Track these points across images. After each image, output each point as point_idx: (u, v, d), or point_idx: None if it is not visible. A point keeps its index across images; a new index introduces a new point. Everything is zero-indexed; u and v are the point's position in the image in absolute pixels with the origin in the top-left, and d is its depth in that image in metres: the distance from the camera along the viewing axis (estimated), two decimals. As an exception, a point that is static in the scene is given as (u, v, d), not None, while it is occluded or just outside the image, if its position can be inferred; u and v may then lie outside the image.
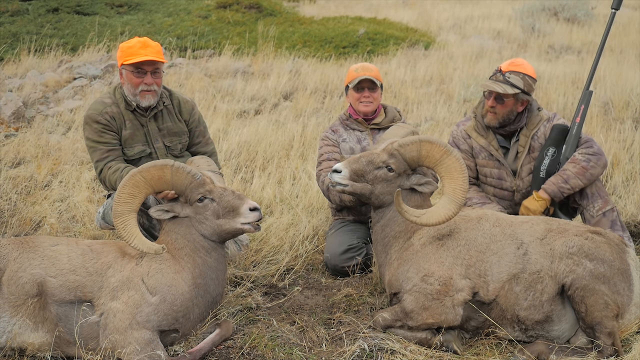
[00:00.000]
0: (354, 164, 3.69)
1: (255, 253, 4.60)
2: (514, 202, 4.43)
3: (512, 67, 4.23)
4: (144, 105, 4.23)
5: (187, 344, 3.45)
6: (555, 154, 4.21)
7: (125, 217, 3.32)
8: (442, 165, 3.52)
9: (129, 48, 4.13)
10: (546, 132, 4.30)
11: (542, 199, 4.11)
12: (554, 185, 4.10)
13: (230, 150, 6.74)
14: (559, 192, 4.09)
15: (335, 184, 3.71)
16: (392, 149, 3.65)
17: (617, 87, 8.56)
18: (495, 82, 4.23)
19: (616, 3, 4.48)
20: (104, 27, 13.23)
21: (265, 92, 9.36)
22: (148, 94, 4.19)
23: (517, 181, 4.36)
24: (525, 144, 4.32)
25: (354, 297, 4.07)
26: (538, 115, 4.34)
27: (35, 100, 8.53)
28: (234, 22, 14.29)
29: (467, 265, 3.44)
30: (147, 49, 4.12)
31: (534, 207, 4.12)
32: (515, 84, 4.18)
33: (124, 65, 4.16)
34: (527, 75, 4.22)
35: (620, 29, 13.63)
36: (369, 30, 13.28)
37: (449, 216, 3.43)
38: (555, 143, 4.22)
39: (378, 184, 3.68)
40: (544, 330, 3.41)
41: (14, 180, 5.81)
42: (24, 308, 3.24)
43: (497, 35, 14.03)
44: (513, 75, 4.20)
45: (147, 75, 4.15)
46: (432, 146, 3.53)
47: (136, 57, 4.09)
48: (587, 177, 4.06)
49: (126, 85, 4.20)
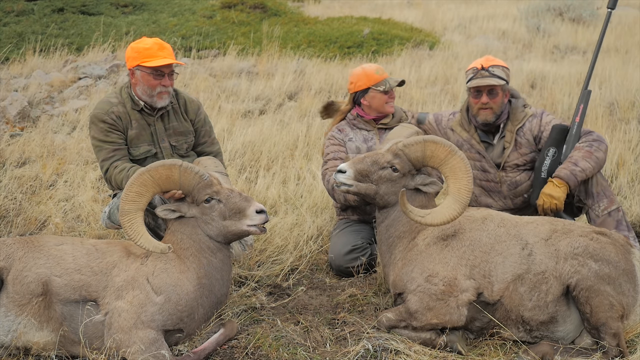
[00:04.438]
0: (358, 164, 3.69)
1: (259, 253, 4.61)
2: (502, 194, 4.45)
3: (490, 62, 4.31)
4: (160, 105, 4.24)
5: (192, 344, 3.45)
6: (556, 154, 4.21)
7: (132, 215, 3.32)
8: (446, 165, 3.52)
9: (147, 50, 4.11)
10: (532, 127, 4.33)
11: (563, 184, 4.05)
12: (566, 169, 4.04)
13: (234, 150, 6.75)
14: (572, 175, 4.01)
15: (339, 184, 3.72)
16: (396, 149, 3.65)
17: (623, 88, 8.53)
18: (483, 78, 4.26)
19: (612, 2, 4.54)
20: (109, 27, 13.24)
21: (269, 92, 9.36)
22: (165, 94, 4.22)
23: (500, 173, 4.40)
24: (511, 139, 4.36)
25: (358, 297, 4.07)
26: (523, 111, 4.39)
27: (40, 100, 8.55)
28: (238, 22, 14.30)
29: (471, 265, 3.43)
30: (164, 51, 4.14)
31: (557, 194, 4.03)
32: (501, 76, 4.27)
33: (141, 67, 4.13)
34: (505, 67, 4.33)
35: (626, 29, 13.60)
36: (374, 31, 13.27)
37: (453, 216, 3.43)
38: (555, 143, 4.23)
39: (383, 184, 3.68)
40: (548, 331, 3.40)
41: (19, 180, 5.82)
42: (29, 307, 3.25)
43: (502, 36, 14.01)
44: (496, 68, 4.28)
45: (165, 77, 4.17)
46: (436, 146, 3.53)
47: (157, 60, 4.09)
48: (594, 160, 4.03)
49: (141, 86, 4.19)
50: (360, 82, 4.60)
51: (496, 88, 4.27)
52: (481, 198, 4.50)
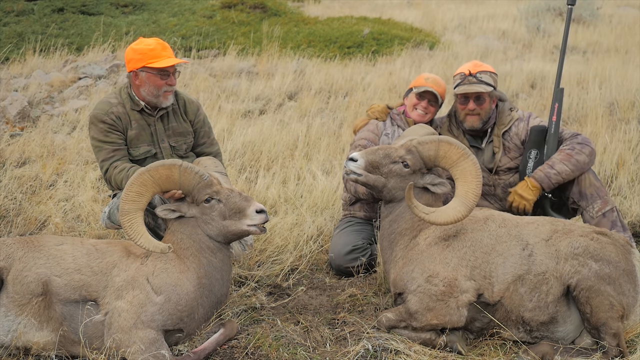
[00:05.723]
0: (370, 155, 3.71)
1: (259, 253, 4.61)
2: (497, 197, 4.46)
3: (478, 68, 4.31)
4: (166, 105, 4.25)
5: (192, 344, 3.45)
6: (538, 156, 4.22)
7: (132, 215, 3.33)
8: (457, 167, 3.53)
9: (151, 50, 4.10)
10: (519, 131, 4.37)
11: (535, 187, 4.10)
12: (541, 171, 4.09)
13: (234, 150, 6.75)
14: (546, 178, 4.06)
15: (349, 172, 3.73)
16: (410, 146, 3.68)
17: (623, 88, 8.53)
18: (470, 84, 4.27)
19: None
20: (109, 27, 13.24)
21: (269, 92, 9.36)
22: (170, 94, 4.24)
23: (494, 176, 4.41)
24: (499, 144, 4.37)
25: (358, 297, 4.07)
26: (509, 115, 4.41)
27: (40, 100, 8.55)
28: (238, 22, 14.30)
29: (472, 266, 3.43)
30: (167, 50, 4.16)
31: (528, 196, 4.09)
32: (488, 82, 4.28)
33: (147, 68, 4.11)
34: (493, 73, 4.34)
35: (626, 29, 13.60)
36: (374, 31, 13.27)
37: (457, 218, 3.43)
38: (536, 145, 4.25)
39: (392, 178, 3.70)
40: (548, 332, 3.40)
41: (19, 180, 5.82)
42: (29, 307, 3.25)
43: (502, 36, 14.00)
44: (483, 74, 4.29)
45: (171, 76, 4.19)
46: (450, 147, 3.55)
47: (164, 60, 4.09)
48: (572, 163, 4.05)
49: (146, 87, 4.17)
50: (413, 82, 4.72)
51: (483, 95, 4.29)
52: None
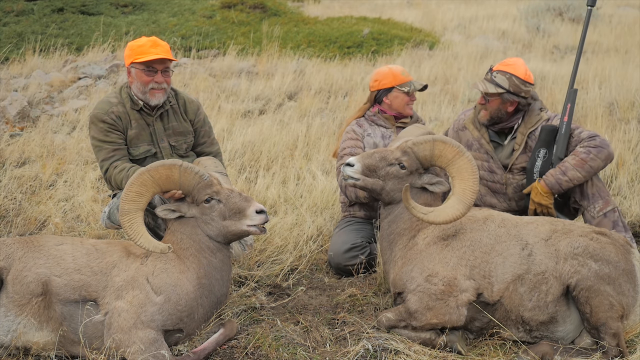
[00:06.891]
0: (367, 159, 3.72)
1: (259, 253, 4.61)
2: (508, 196, 4.43)
3: (501, 67, 4.26)
4: (153, 103, 4.24)
5: (191, 344, 3.45)
6: (547, 155, 4.20)
7: (132, 215, 3.32)
8: (454, 165, 3.54)
9: (140, 47, 4.15)
10: None
11: (547, 192, 4.08)
12: (552, 177, 4.06)
13: (234, 150, 6.75)
14: (556, 184, 4.04)
15: (347, 177, 3.73)
16: (405, 147, 3.68)
17: (622, 88, 8.53)
18: (483, 80, 4.27)
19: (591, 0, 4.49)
20: (108, 27, 13.24)
21: (269, 92, 9.37)
22: (158, 92, 4.21)
23: (507, 175, 4.38)
24: (522, 142, 4.33)
25: (358, 297, 4.07)
26: (539, 115, 4.34)
27: (40, 100, 8.55)
28: (238, 22, 14.30)
29: (471, 266, 3.43)
30: (157, 48, 4.16)
31: (545, 202, 4.07)
32: (499, 84, 4.19)
33: (134, 64, 4.16)
34: (515, 76, 4.18)
35: (626, 29, 13.61)
36: (374, 30, 13.27)
37: (456, 216, 3.43)
38: (545, 144, 4.22)
39: (389, 180, 3.71)
40: (548, 331, 3.40)
41: (19, 180, 5.82)
42: (29, 307, 3.25)
43: (501, 36, 14.00)
44: (500, 75, 4.21)
45: (158, 73, 4.18)
46: (445, 146, 3.55)
47: (147, 56, 4.11)
48: (586, 170, 4.00)
49: (135, 84, 4.21)
50: (385, 80, 4.64)
51: (490, 94, 4.25)
52: (486, 198, 4.49)
